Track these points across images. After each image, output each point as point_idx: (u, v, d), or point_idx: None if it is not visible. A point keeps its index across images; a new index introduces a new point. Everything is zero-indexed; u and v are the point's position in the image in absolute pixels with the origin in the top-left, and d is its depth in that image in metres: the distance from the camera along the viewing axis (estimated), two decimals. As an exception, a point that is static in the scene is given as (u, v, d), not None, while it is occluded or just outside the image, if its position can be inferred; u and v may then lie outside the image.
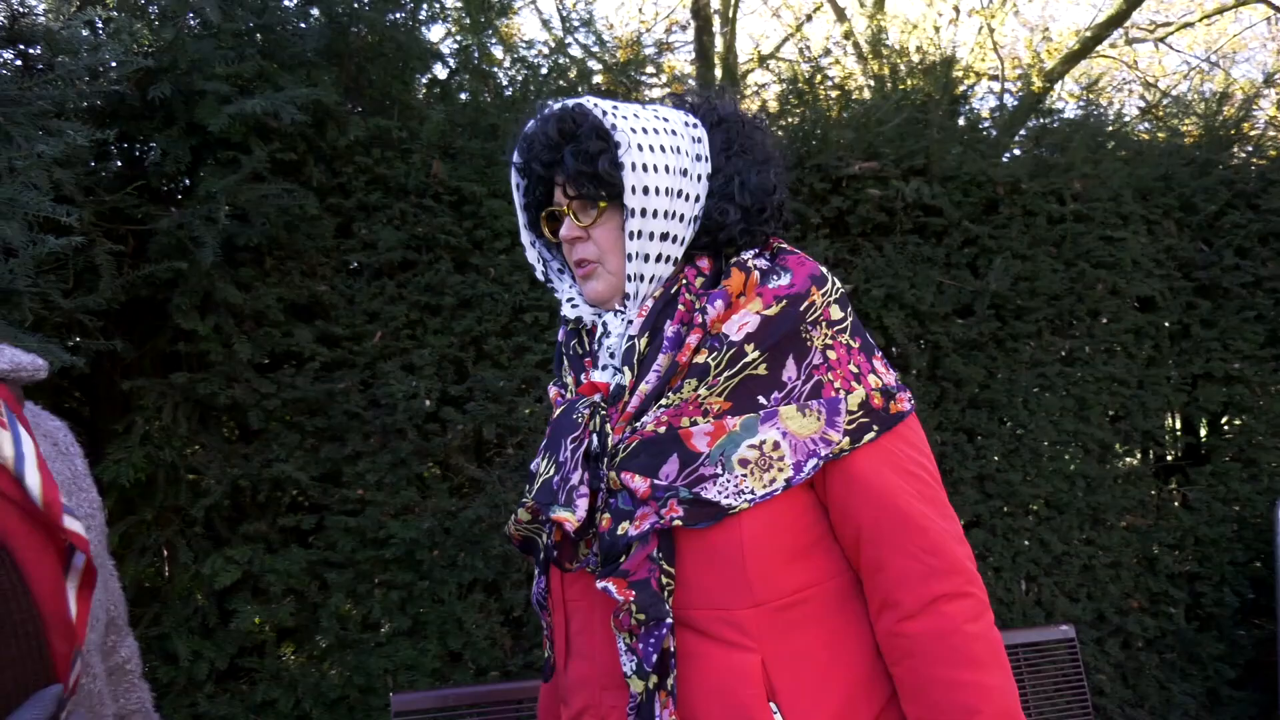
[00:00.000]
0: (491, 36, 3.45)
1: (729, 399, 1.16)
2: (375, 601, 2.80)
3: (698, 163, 1.25)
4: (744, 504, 1.13)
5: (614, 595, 1.13)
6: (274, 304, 2.74)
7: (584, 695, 1.24)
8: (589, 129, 1.22)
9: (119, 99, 2.47)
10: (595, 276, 1.27)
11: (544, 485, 1.23)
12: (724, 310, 1.18)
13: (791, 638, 1.16)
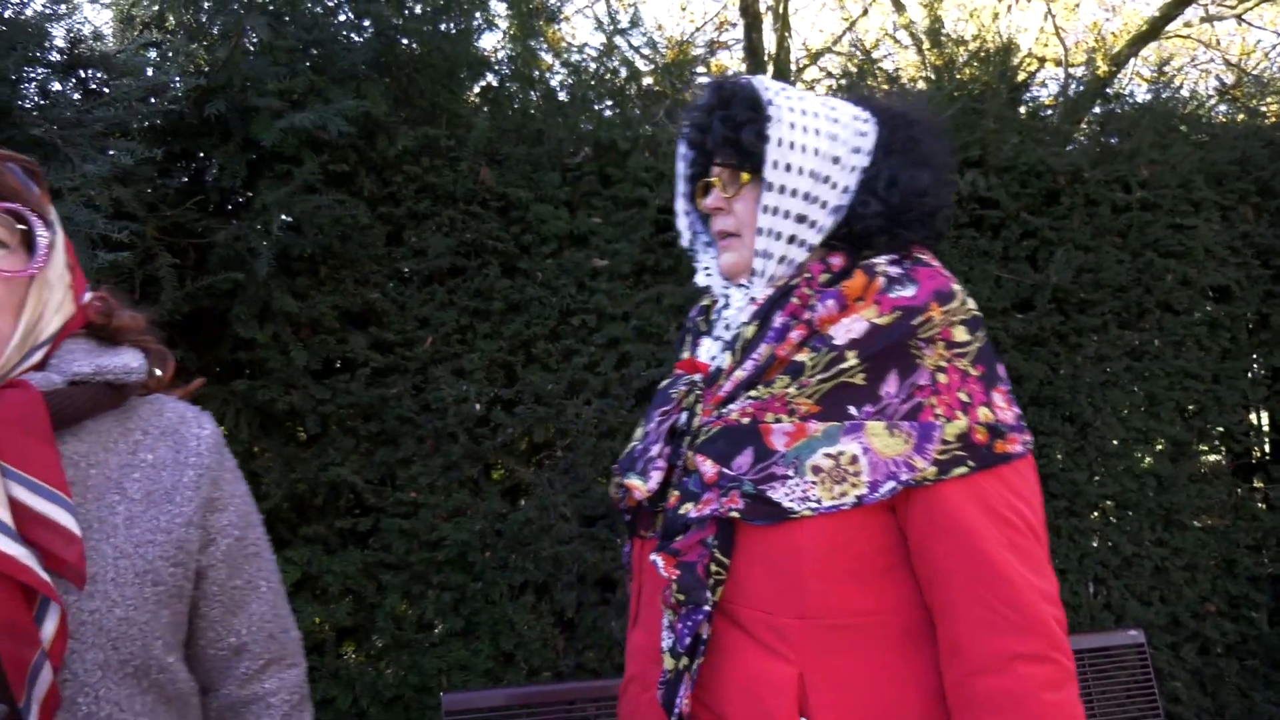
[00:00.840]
0: (540, 42, 3.49)
1: (818, 403, 1.12)
2: (429, 602, 2.85)
3: (855, 155, 1.22)
4: (806, 511, 1.09)
5: (660, 571, 1.15)
6: (329, 312, 2.82)
7: (637, 663, 1.27)
8: (743, 98, 1.23)
9: (178, 117, 2.57)
10: (732, 249, 1.27)
11: (629, 453, 1.27)
12: (835, 311, 1.15)
13: (838, 660, 1.11)
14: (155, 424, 1.10)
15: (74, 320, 1.05)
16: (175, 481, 1.07)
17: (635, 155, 3.11)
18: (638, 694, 1.25)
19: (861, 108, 1.27)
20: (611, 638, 2.92)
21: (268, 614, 1.16)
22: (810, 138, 1.19)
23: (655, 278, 3.15)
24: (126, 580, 0.98)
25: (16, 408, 0.93)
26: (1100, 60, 4.15)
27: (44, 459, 0.93)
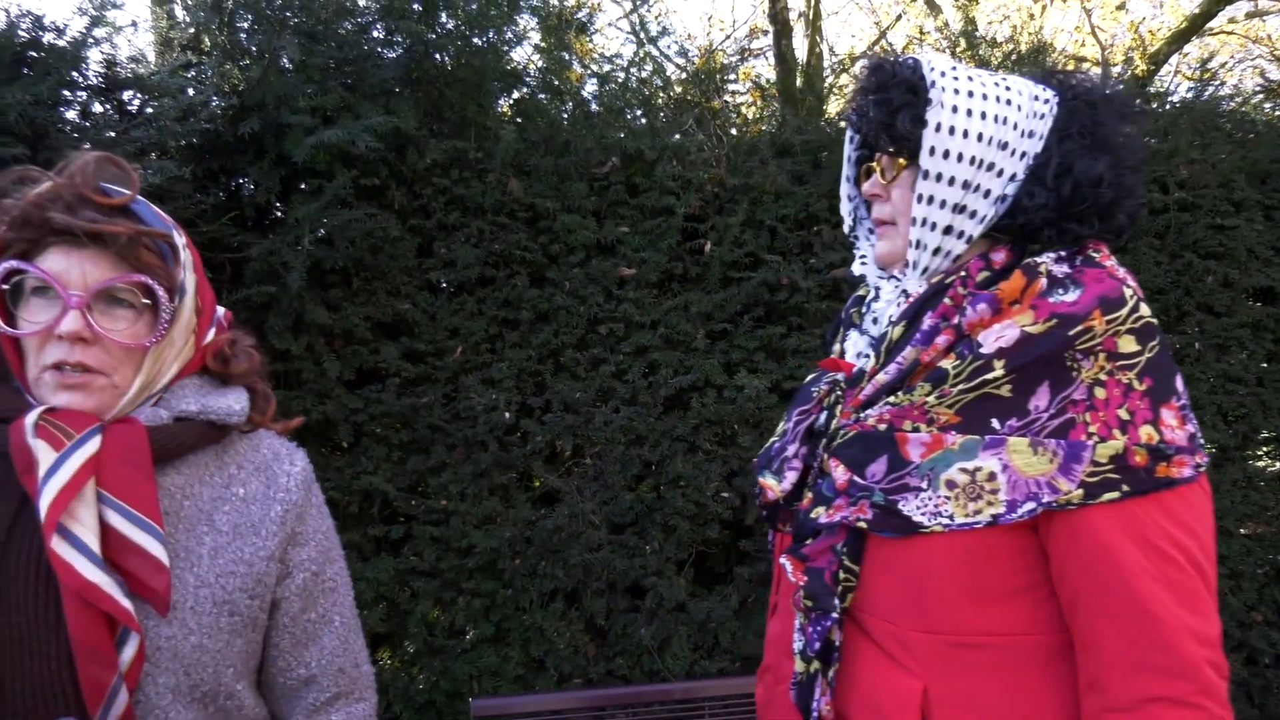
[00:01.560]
0: (569, 54, 3.53)
1: (959, 413, 1.06)
2: (460, 609, 2.89)
3: (1027, 139, 1.12)
4: (937, 526, 1.04)
5: (789, 575, 1.14)
6: (361, 323, 2.87)
7: (772, 653, 1.28)
8: (901, 81, 1.15)
9: (214, 136, 2.64)
10: (886, 237, 1.21)
11: (767, 449, 1.26)
12: (987, 315, 1.07)
13: (965, 678, 1.06)
14: (250, 459, 1.17)
15: (193, 363, 1.13)
16: (263, 516, 1.13)
17: (662, 164, 3.13)
18: (772, 684, 1.27)
19: (1045, 85, 1.17)
20: (641, 645, 2.94)
21: (339, 648, 1.20)
22: (975, 122, 1.10)
23: (682, 286, 3.16)
24: (204, 609, 1.04)
25: (122, 441, 1.01)
26: (1139, 59, 4.08)
27: (141, 490, 1.00)
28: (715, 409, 3.01)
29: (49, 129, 1.89)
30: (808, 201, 3.16)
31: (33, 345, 1.02)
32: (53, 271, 1.00)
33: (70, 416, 1.01)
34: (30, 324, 1.01)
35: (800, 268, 3.11)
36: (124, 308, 1.04)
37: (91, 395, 1.02)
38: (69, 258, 1.00)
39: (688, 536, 2.99)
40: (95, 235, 1.00)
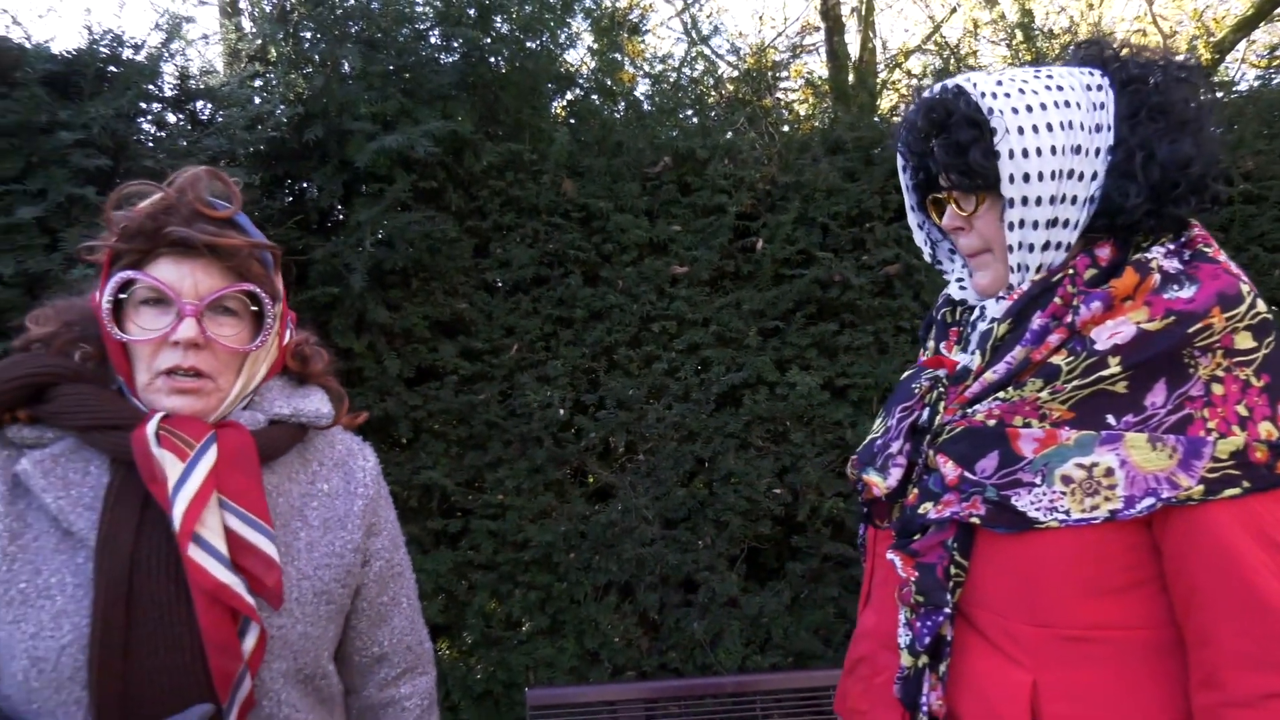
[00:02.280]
0: (621, 55, 3.57)
1: (1072, 409, 1.05)
2: (516, 601, 2.95)
3: (1096, 135, 1.10)
4: (1053, 522, 1.04)
5: (898, 570, 1.15)
6: (420, 322, 2.95)
7: (865, 645, 1.29)
8: (960, 118, 1.12)
9: (280, 143, 2.74)
10: (984, 267, 1.19)
11: (868, 445, 1.26)
12: (1100, 312, 1.06)
13: (1075, 671, 1.07)
14: (329, 456, 1.23)
15: (276, 364, 1.19)
16: (347, 510, 1.21)
17: (714, 163, 3.16)
18: (869, 675, 1.26)
19: (1089, 69, 1.14)
20: (694, 639, 2.97)
21: (407, 628, 1.31)
22: (1044, 136, 1.08)
23: (734, 283, 3.18)
24: (307, 600, 1.12)
25: (232, 446, 1.07)
26: (1203, 48, 3.98)
27: (252, 493, 1.07)
28: (767, 406, 3.03)
29: (129, 141, 1.99)
30: (860, 198, 3.16)
31: (145, 352, 1.06)
32: (166, 281, 1.04)
33: (186, 424, 1.05)
34: (145, 331, 1.05)
35: (852, 265, 3.11)
36: (229, 315, 1.09)
37: (200, 399, 1.07)
38: (180, 267, 1.05)
39: (740, 532, 3.02)
40: (213, 247, 1.05)
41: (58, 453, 1.04)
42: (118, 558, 0.98)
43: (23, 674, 0.96)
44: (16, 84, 1.84)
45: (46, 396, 1.05)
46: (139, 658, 0.97)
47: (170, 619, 0.99)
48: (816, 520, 3.08)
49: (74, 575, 1.00)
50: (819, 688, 2.68)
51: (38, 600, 0.98)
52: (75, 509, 1.01)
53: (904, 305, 3.13)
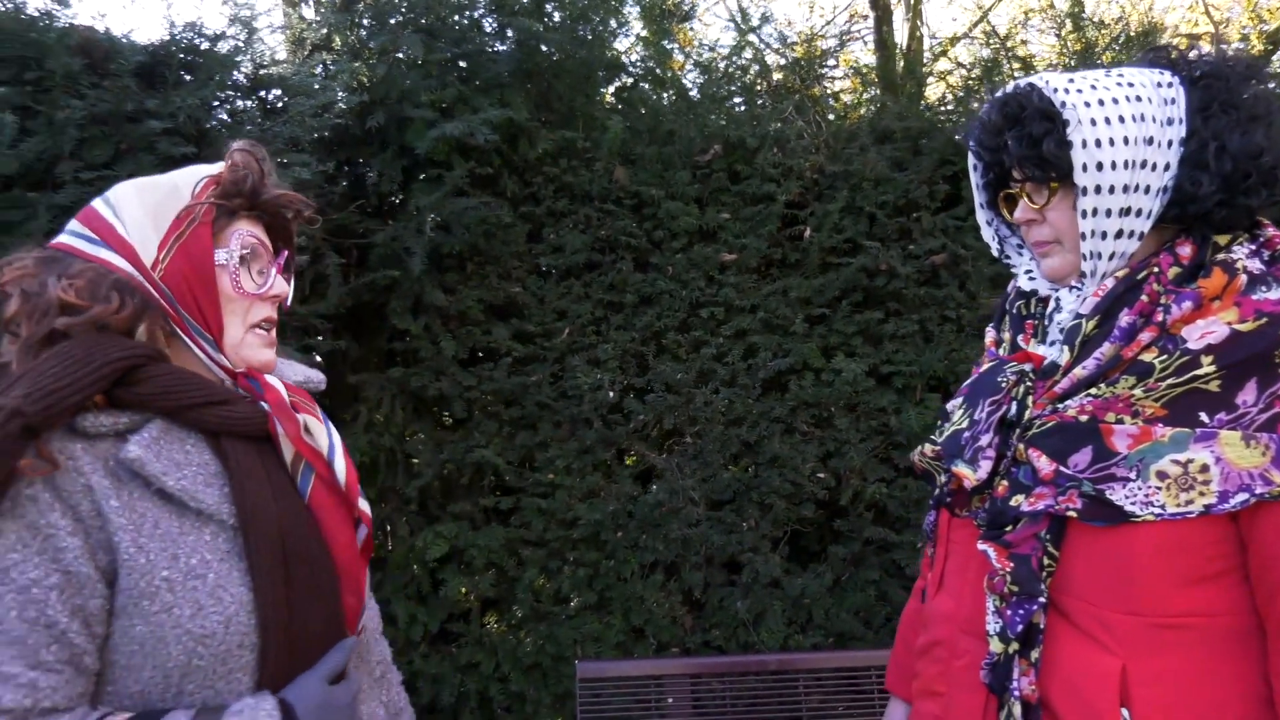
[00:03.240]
0: (672, 42, 3.62)
1: (1165, 406, 1.09)
2: (565, 577, 3.04)
3: (1168, 127, 1.13)
4: (1149, 516, 1.08)
5: (992, 560, 1.18)
6: (474, 305, 3.04)
7: (943, 630, 1.32)
8: (1034, 111, 1.17)
9: (343, 130, 2.83)
10: (1053, 255, 1.23)
11: (953, 436, 1.29)
12: (1190, 312, 1.09)
13: (1162, 656, 1.11)
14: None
15: None
16: None
17: (763, 152, 3.20)
18: (947, 658, 1.30)
19: (1159, 69, 1.18)
20: (736, 618, 3.04)
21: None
22: (1116, 128, 1.11)
23: (782, 271, 3.23)
24: None
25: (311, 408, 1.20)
26: (1255, 39, 3.94)
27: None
28: (813, 391, 3.09)
29: (208, 129, 2.08)
30: (907, 188, 3.19)
31: (243, 308, 1.11)
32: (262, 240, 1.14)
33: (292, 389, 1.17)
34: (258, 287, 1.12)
35: (899, 254, 3.15)
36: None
37: (274, 349, 1.17)
38: (256, 228, 1.13)
39: (783, 515, 3.08)
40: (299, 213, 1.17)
41: (155, 434, 1.02)
42: (267, 525, 1.03)
43: (185, 655, 0.96)
44: (110, 74, 1.93)
45: (134, 378, 1.02)
46: (299, 612, 1.04)
47: (318, 572, 1.07)
48: (859, 505, 3.13)
49: (212, 552, 1.01)
50: (859, 668, 2.74)
51: (187, 582, 0.98)
52: (196, 486, 1.02)
53: (949, 294, 3.16)
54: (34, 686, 0.91)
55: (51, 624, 0.92)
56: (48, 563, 0.93)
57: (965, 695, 1.26)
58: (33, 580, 0.92)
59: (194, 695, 0.98)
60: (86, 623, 0.95)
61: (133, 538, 0.96)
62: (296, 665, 1.05)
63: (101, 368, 0.97)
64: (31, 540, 0.93)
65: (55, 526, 0.94)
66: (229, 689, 1.00)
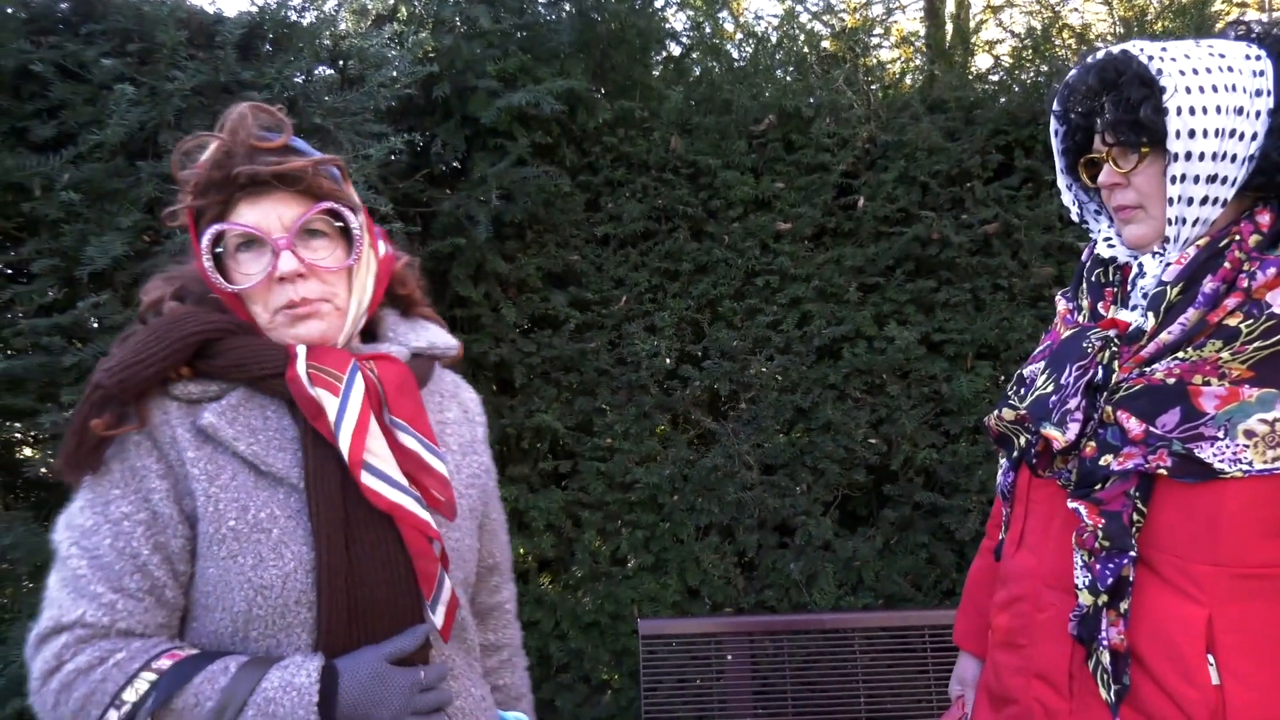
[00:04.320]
0: (722, 10, 3.64)
1: (1252, 369, 1.14)
2: (623, 539, 3.13)
3: (1257, 99, 1.18)
4: (1237, 472, 1.13)
5: (1083, 517, 1.24)
6: (534, 273, 3.10)
7: (1025, 585, 1.38)
8: (1131, 76, 1.21)
9: (408, 100, 2.88)
10: (1136, 221, 1.28)
11: (1039, 400, 1.34)
12: (1275, 278, 1.15)
13: (1247, 605, 1.17)
14: (443, 388, 1.31)
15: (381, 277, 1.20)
16: (472, 436, 1.31)
17: (818, 122, 3.23)
18: (1030, 612, 1.36)
19: (1250, 44, 1.23)
20: (789, 579, 3.12)
21: (506, 541, 1.43)
22: (1209, 96, 1.16)
23: (836, 240, 3.28)
24: (464, 515, 1.23)
25: (395, 375, 1.15)
26: (1308, 7, 3.92)
27: (421, 417, 1.16)
28: (866, 359, 3.14)
29: (297, 99, 2.14)
30: (960, 158, 3.22)
31: (257, 295, 1.09)
32: (252, 223, 1.06)
33: (329, 358, 1.09)
34: (249, 276, 1.08)
35: (952, 223, 3.19)
36: (319, 238, 1.11)
37: (322, 320, 1.11)
38: (259, 206, 1.06)
39: (835, 479, 3.15)
40: (280, 176, 1.05)
41: (235, 403, 1.07)
42: (330, 493, 1.05)
43: (246, 603, 1.02)
44: (208, 47, 1.99)
45: (213, 351, 1.07)
46: (360, 576, 1.06)
47: (381, 539, 1.08)
48: (909, 470, 3.19)
49: (281, 509, 1.05)
50: (912, 627, 2.82)
51: (252, 535, 1.03)
52: (269, 451, 1.06)
53: (1002, 264, 3.20)
54: (113, 608, 1.01)
55: (135, 555, 1.02)
56: (139, 500, 1.03)
57: (1050, 645, 1.31)
58: (124, 514, 1.03)
59: (258, 643, 1.04)
60: (168, 559, 1.04)
61: (204, 488, 1.03)
62: (359, 632, 1.06)
63: (174, 343, 1.04)
64: (130, 479, 1.04)
65: (148, 469, 1.04)
66: (289, 643, 1.04)
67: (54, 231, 1.99)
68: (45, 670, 1.00)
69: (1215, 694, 1.16)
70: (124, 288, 2.06)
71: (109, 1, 1.93)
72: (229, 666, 1.00)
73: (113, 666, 0.98)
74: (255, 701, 0.98)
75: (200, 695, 0.98)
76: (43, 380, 2.04)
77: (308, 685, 0.99)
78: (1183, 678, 1.17)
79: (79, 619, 1.00)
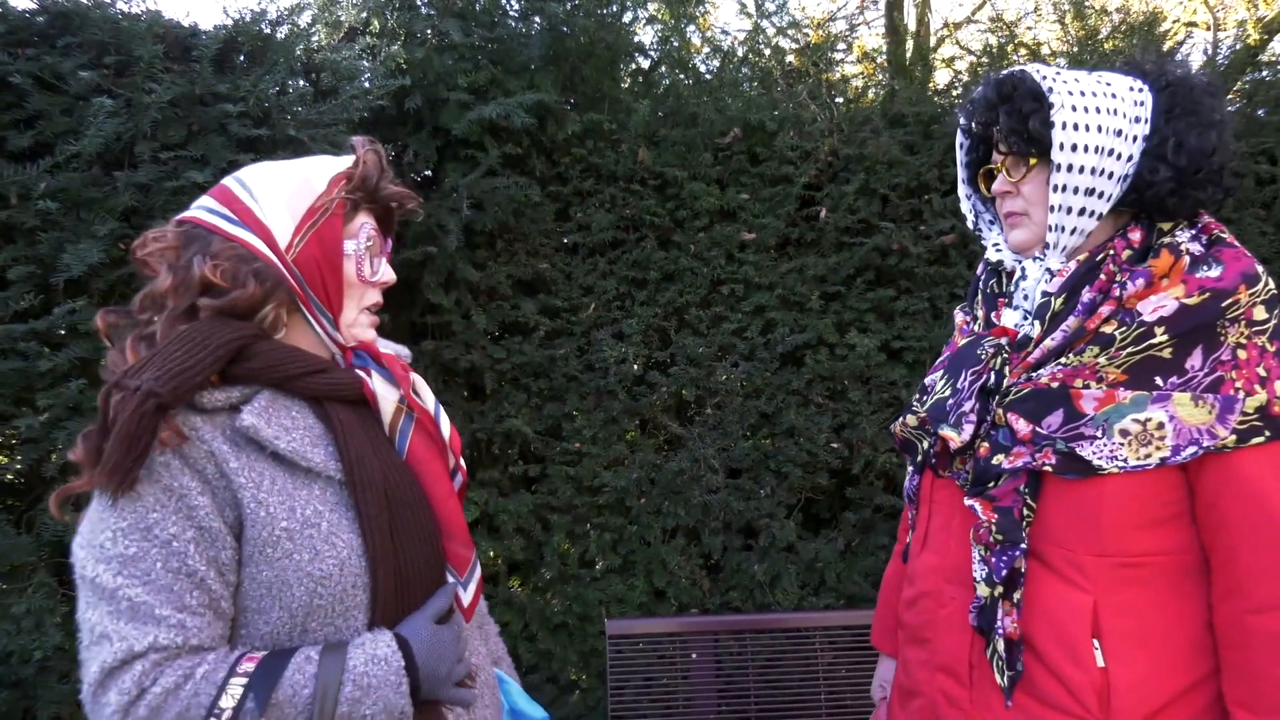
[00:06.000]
0: (690, 25, 3.73)
1: (1126, 372, 1.24)
2: (591, 541, 3.19)
3: (1135, 124, 1.29)
4: (1114, 468, 1.23)
5: (978, 513, 1.33)
6: (504, 280, 3.16)
7: (928, 582, 1.47)
8: (1025, 91, 1.32)
9: (381, 111, 2.93)
10: (1020, 226, 1.39)
11: (937, 403, 1.44)
12: (1143, 288, 1.24)
13: (1125, 592, 1.26)
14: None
15: None
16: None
17: (782, 135, 3.33)
18: (933, 608, 1.45)
19: (1133, 77, 1.33)
20: (753, 580, 3.20)
21: None
22: (1093, 116, 1.27)
23: (799, 249, 3.37)
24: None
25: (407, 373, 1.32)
26: (1251, 27, 4.08)
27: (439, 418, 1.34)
28: (828, 365, 3.23)
29: (271, 111, 2.19)
30: (919, 171, 3.33)
31: (359, 293, 1.23)
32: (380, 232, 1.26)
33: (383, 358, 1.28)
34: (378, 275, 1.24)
35: (911, 234, 3.29)
36: None
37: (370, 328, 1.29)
38: (370, 220, 1.23)
39: (799, 483, 3.24)
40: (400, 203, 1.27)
41: (264, 404, 1.12)
42: (373, 480, 1.14)
43: (307, 596, 1.08)
44: (184, 60, 2.03)
45: (245, 355, 1.12)
46: (404, 552, 1.16)
47: (419, 518, 1.18)
48: (870, 474, 3.29)
49: (323, 503, 1.12)
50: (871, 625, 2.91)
51: (304, 531, 1.09)
52: (305, 447, 1.12)
53: (958, 273, 3.30)
54: (182, 627, 1.03)
55: (192, 573, 1.04)
56: (183, 520, 1.05)
57: (952, 637, 1.41)
58: (172, 535, 1.04)
59: (316, 633, 1.10)
60: (220, 572, 1.07)
61: (253, 494, 1.07)
62: (404, 605, 1.15)
63: (217, 349, 1.08)
64: (168, 501, 1.05)
65: (186, 488, 1.06)
66: (347, 626, 1.11)
67: (30, 239, 2.03)
68: (126, 703, 1.00)
69: (1101, 675, 1.25)
70: (100, 294, 2.10)
71: (86, 15, 1.97)
72: (310, 655, 1.06)
73: (201, 680, 1.02)
74: (349, 680, 1.05)
75: (295, 686, 1.03)
76: (18, 385, 2.07)
77: (391, 655, 1.09)
78: (1071, 661, 1.27)
79: (152, 644, 1.01)
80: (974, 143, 1.49)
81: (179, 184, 2.02)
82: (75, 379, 2.02)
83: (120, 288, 2.14)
